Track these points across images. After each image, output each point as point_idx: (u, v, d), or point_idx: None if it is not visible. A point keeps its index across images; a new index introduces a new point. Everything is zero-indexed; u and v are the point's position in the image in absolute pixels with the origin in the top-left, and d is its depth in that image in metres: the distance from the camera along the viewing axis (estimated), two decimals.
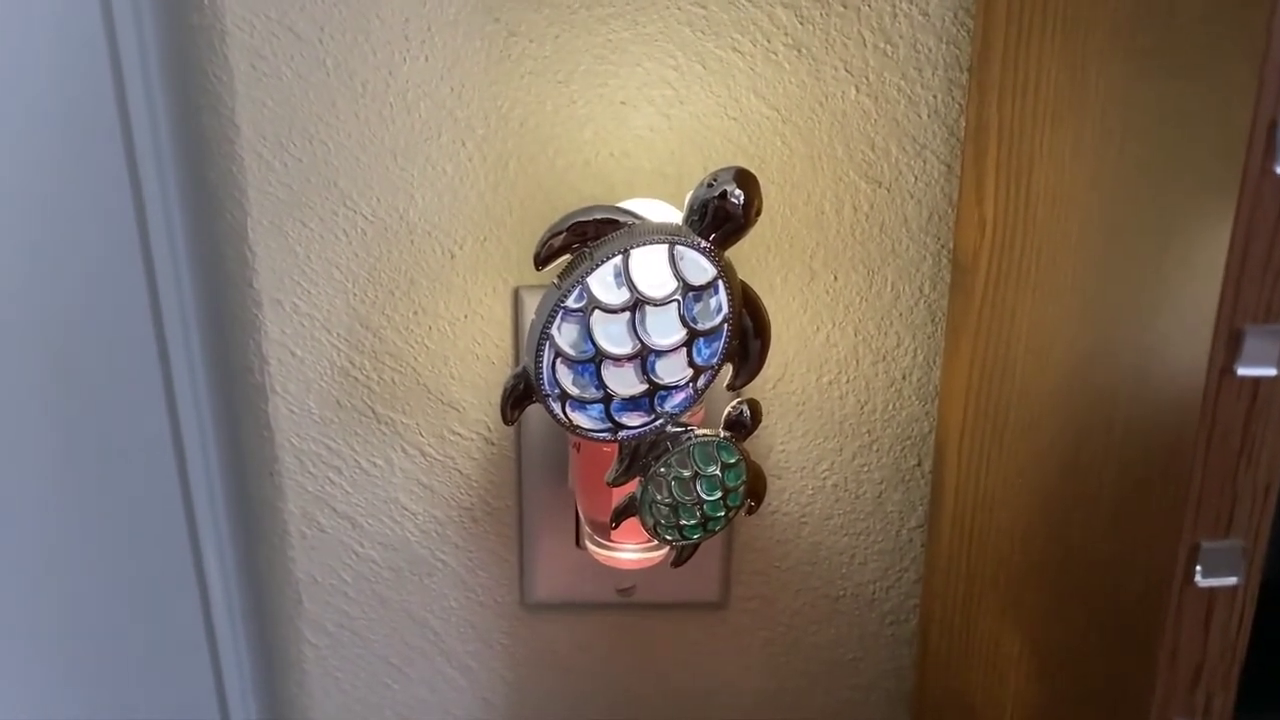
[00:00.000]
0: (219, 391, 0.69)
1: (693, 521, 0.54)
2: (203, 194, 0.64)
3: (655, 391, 0.51)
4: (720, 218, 0.50)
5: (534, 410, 0.68)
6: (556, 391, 0.51)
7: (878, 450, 0.69)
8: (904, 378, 0.68)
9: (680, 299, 0.50)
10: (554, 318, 0.50)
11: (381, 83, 0.61)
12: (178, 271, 0.66)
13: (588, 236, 0.50)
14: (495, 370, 0.66)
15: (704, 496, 0.54)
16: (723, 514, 0.55)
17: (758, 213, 0.50)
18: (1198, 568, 0.41)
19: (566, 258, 0.51)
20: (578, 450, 0.59)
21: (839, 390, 0.68)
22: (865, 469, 0.70)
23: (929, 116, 0.62)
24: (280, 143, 0.62)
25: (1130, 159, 0.45)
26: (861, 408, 0.68)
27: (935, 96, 0.62)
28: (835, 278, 0.65)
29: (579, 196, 0.63)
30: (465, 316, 0.65)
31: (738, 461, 0.54)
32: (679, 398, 0.52)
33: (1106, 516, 0.47)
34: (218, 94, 0.61)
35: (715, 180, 0.50)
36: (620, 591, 0.71)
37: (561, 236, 0.50)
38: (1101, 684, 0.48)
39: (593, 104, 0.62)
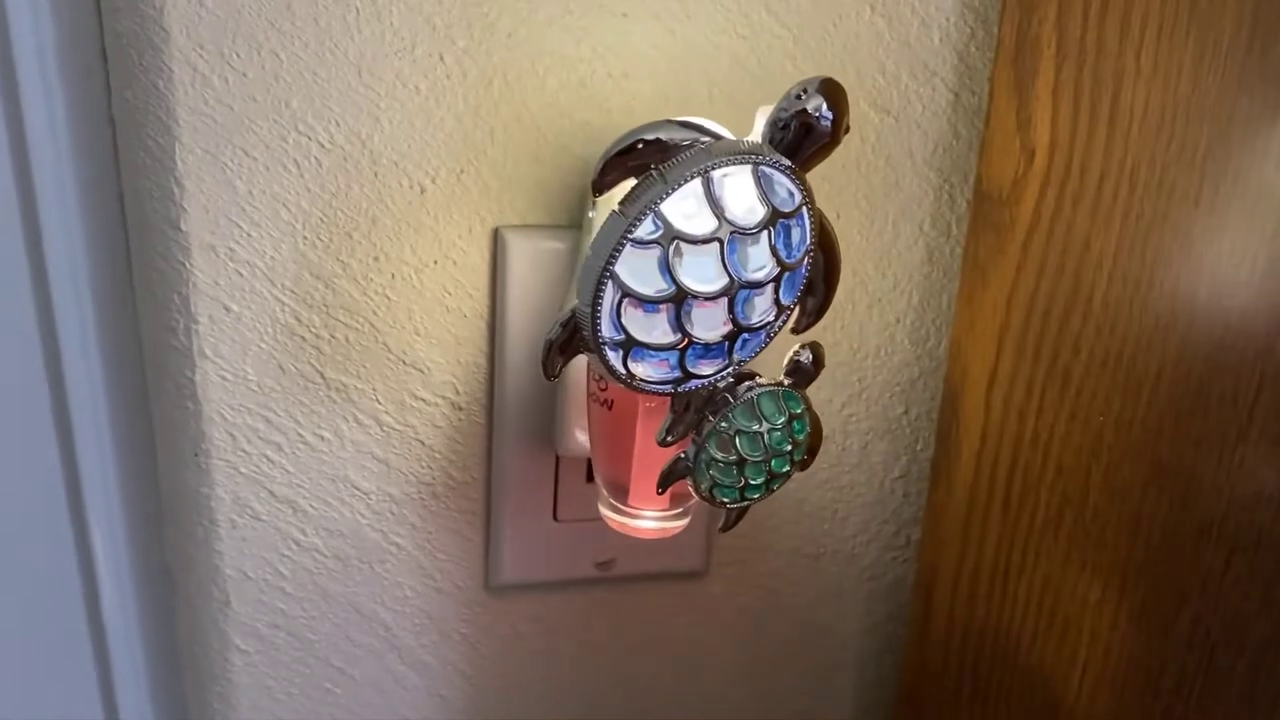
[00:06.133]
0: (122, 360, 0.57)
1: (759, 480, 0.49)
2: (117, 113, 0.52)
3: (738, 334, 0.45)
4: (803, 135, 0.44)
5: (508, 366, 0.60)
6: (621, 338, 0.44)
7: (866, 399, 0.65)
8: (897, 321, 0.64)
9: (771, 228, 0.44)
10: (619, 251, 0.43)
11: None
12: (65, 208, 0.54)
13: (655, 157, 0.43)
14: (468, 324, 0.58)
15: (774, 451, 0.48)
16: (787, 469, 0.49)
17: (846, 130, 0.45)
18: None
19: (630, 182, 0.44)
20: (608, 407, 0.52)
21: (833, 336, 0.63)
22: (853, 419, 0.66)
23: (940, 41, 0.58)
24: (220, 53, 0.51)
25: (1272, 58, 0.42)
26: (854, 354, 0.64)
27: (948, 19, 0.58)
28: (838, 215, 0.60)
29: (571, 122, 0.56)
30: (435, 262, 0.56)
31: (804, 411, 0.49)
32: (754, 342, 0.46)
33: (1243, 450, 0.44)
34: None
35: (805, 92, 0.44)
36: (599, 565, 0.64)
37: (626, 157, 0.43)
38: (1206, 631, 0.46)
39: (591, 15, 0.54)
